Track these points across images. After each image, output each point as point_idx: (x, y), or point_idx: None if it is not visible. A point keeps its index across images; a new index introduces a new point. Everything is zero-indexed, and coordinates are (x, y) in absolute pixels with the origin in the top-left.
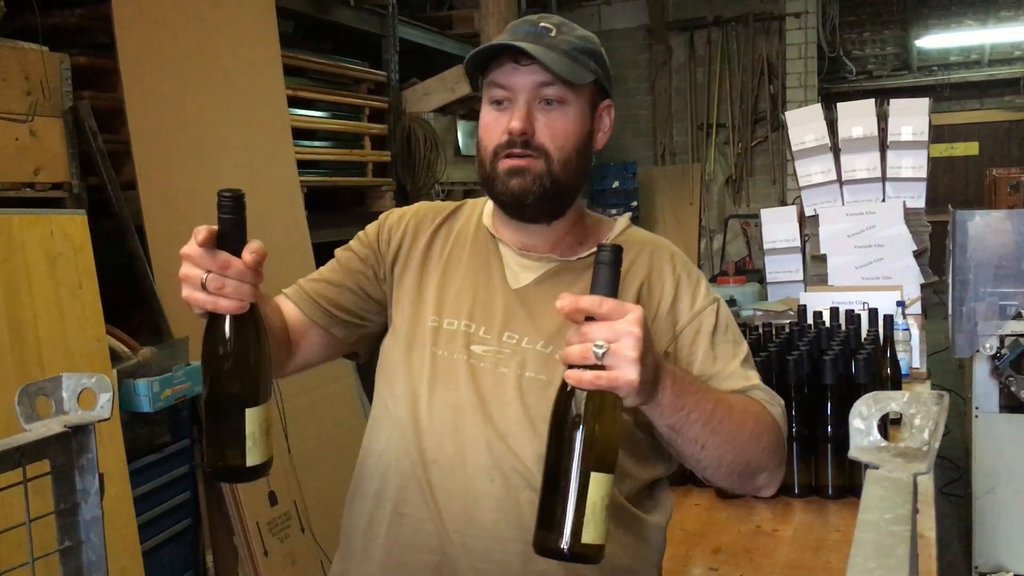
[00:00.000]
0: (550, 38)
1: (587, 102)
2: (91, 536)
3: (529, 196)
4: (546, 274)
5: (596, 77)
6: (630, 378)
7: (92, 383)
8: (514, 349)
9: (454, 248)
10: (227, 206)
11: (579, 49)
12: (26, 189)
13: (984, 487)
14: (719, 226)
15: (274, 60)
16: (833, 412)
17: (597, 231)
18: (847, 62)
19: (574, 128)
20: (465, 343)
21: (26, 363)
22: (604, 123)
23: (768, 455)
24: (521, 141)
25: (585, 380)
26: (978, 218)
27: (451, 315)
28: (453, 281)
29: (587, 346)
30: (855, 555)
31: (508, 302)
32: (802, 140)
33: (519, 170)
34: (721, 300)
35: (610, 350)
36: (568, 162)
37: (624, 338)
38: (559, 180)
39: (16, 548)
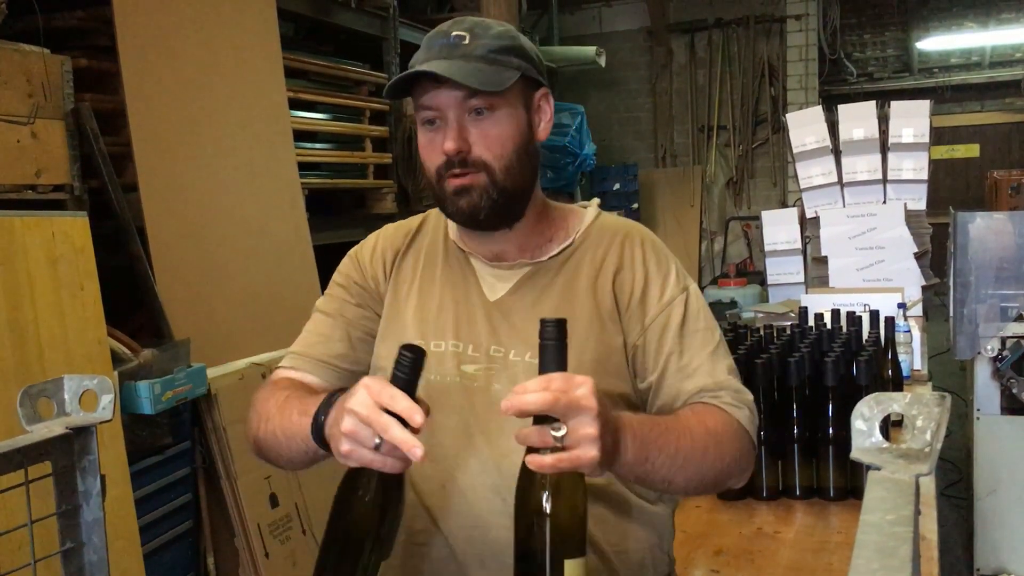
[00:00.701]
0: (464, 47)
1: (518, 100)
2: (93, 538)
3: (480, 212)
4: (521, 280)
5: (521, 72)
6: (591, 455)
7: (94, 385)
8: (503, 363)
9: (425, 268)
10: (406, 366)
11: (496, 50)
12: (27, 191)
13: (985, 489)
14: (720, 228)
15: (275, 62)
16: (834, 414)
17: (566, 223)
18: (848, 64)
19: (509, 132)
20: (456, 364)
21: (27, 365)
22: (544, 112)
23: (735, 464)
24: (459, 160)
25: (547, 464)
26: (979, 220)
27: (437, 337)
28: (431, 301)
29: (544, 430)
30: (857, 556)
31: (489, 316)
32: (803, 142)
33: (464, 189)
34: (692, 287)
35: (568, 429)
36: (511, 167)
37: (580, 415)
38: (506, 188)
39: (18, 550)
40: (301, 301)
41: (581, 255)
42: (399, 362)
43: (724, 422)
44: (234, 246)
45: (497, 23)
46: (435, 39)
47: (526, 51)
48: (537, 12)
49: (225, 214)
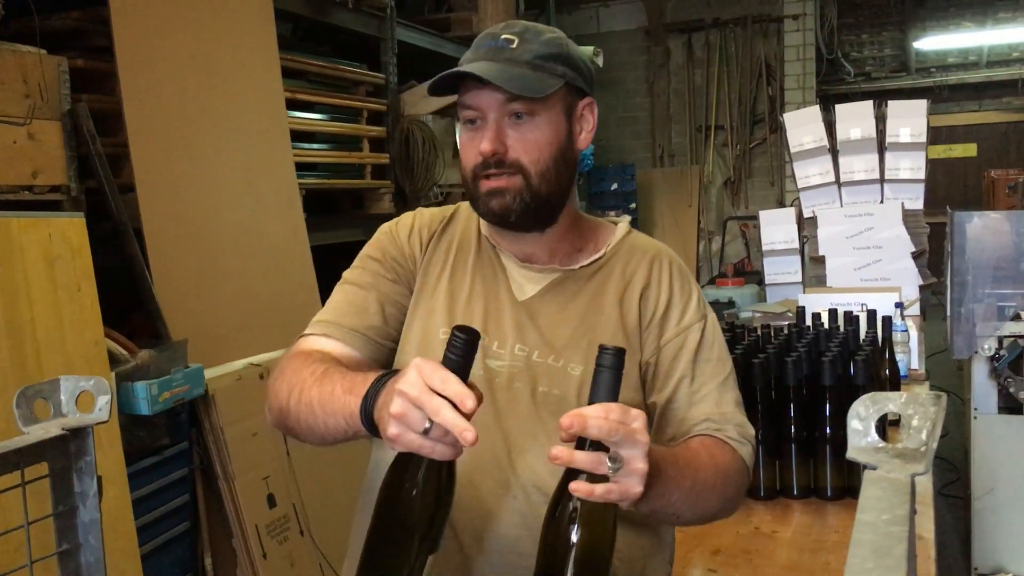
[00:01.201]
0: (511, 51)
1: (560, 107)
2: (89, 539)
3: (511, 214)
4: (550, 285)
5: (566, 80)
6: (638, 490)
7: (90, 385)
8: (526, 363)
9: (458, 256)
10: (459, 347)
11: (543, 56)
12: (24, 192)
13: (983, 488)
14: (718, 228)
15: (272, 62)
16: (831, 413)
17: (596, 236)
18: (845, 64)
19: (548, 138)
20: (481, 357)
21: (24, 366)
22: (587, 122)
23: (734, 500)
24: (495, 161)
25: (596, 494)
26: (976, 219)
27: None
28: (461, 291)
29: (600, 457)
30: (853, 555)
31: (517, 315)
32: (800, 142)
33: (497, 191)
34: (711, 316)
35: (623, 462)
36: (546, 173)
37: (635, 448)
38: (540, 193)
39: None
40: (299, 301)
41: (610, 269)
42: (452, 343)
43: (731, 460)
44: (231, 247)
45: (549, 29)
46: (484, 40)
47: (574, 60)
48: (534, 12)
49: (222, 215)
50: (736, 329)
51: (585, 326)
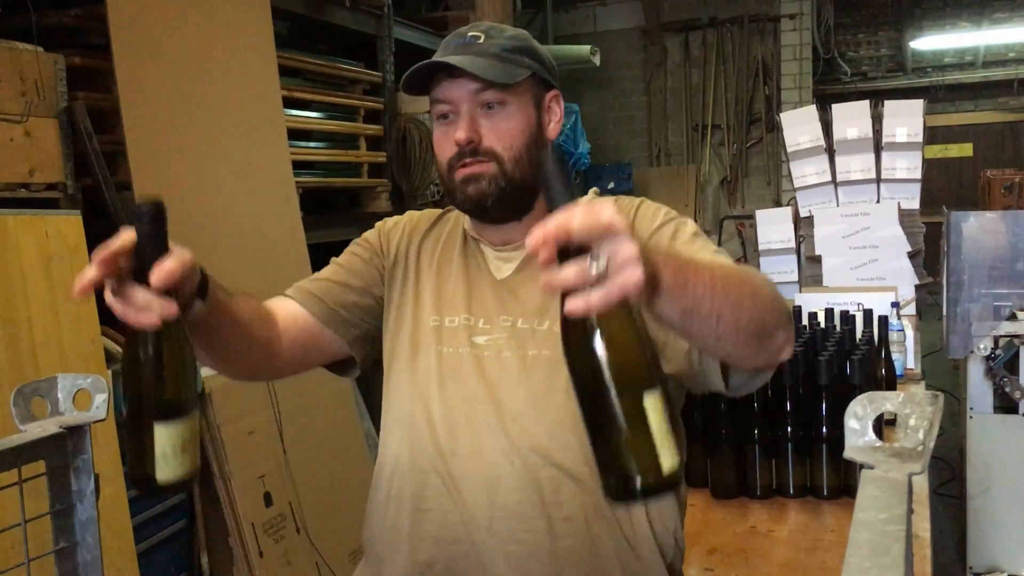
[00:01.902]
0: (479, 46)
1: (529, 98)
2: (86, 537)
3: (488, 199)
4: (524, 260)
5: (533, 71)
6: (637, 276)
7: (88, 384)
8: (511, 332)
9: (444, 252)
10: (144, 215)
11: (509, 49)
12: (21, 190)
13: (978, 487)
14: (714, 227)
15: (269, 61)
16: (828, 413)
17: None
18: (842, 64)
19: (519, 126)
20: (467, 336)
21: (21, 364)
22: (555, 113)
23: (778, 308)
24: (469, 150)
25: (595, 302)
26: (972, 219)
27: (450, 312)
28: (447, 282)
29: (583, 263)
30: (851, 555)
31: (497, 291)
32: (797, 141)
33: (473, 177)
34: (690, 220)
35: (608, 256)
36: (520, 159)
37: (615, 239)
38: (514, 178)
39: (11, 549)
40: None
41: None
42: (137, 215)
43: (749, 271)
44: (228, 245)
45: (513, 28)
46: (452, 40)
47: (538, 53)
48: (531, 11)
49: (219, 213)
50: None
51: None
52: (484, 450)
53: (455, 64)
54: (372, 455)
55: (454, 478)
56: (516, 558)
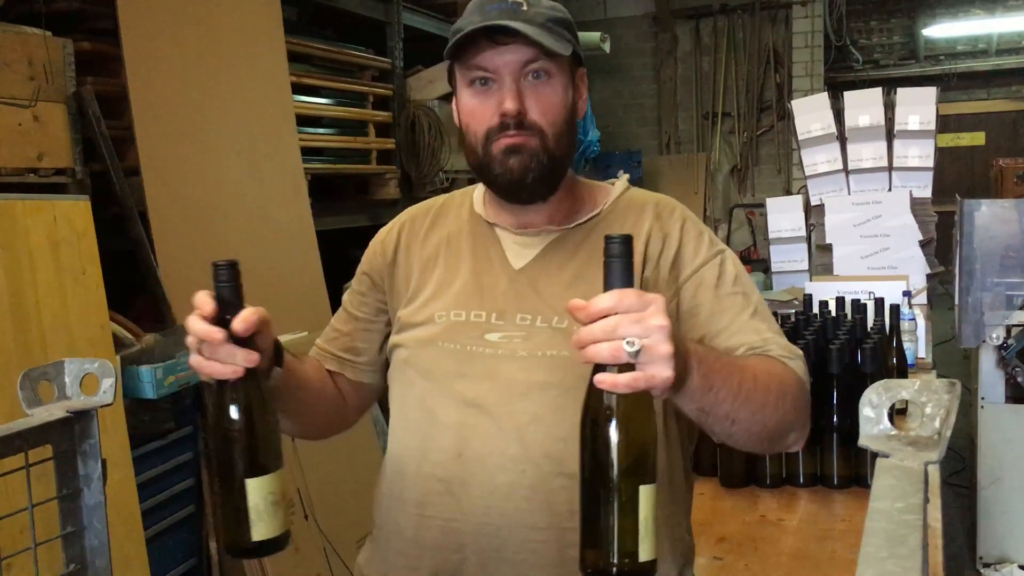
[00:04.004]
0: (524, 13)
1: (567, 72)
2: (94, 522)
3: (528, 174)
4: (546, 248)
5: (572, 48)
6: (666, 375)
7: (95, 368)
8: (529, 331)
9: (450, 245)
10: (222, 275)
11: (553, 20)
12: (29, 175)
13: (989, 478)
14: (724, 215)
15: (278, 46)
16: (839, 402)
17: (593, 197)
18: (853, 51)
19: (562, 101)
20: (479, 333)
21: (29, 349)
22: (581, 92)
23: (795, 414)
24: (515, 122)
25: (621, 383)
26: (985, 208)
27: (459, 307)
28: (456, 276)
29: (617, 344)
30: (867, 544)
31: (514, 284)
32: (808, 129)
33: (516, 148)
34: (729, 251)
35: (643, 347)
36: (560, 136)
37: (655, 333)
38: (554, 155)
39: (18, 534)
40: (304, 286)
41: (609, 223)
42: (215, 275)
43: (782, 371)
44: (237, 231)
45: None
46: (490, 4)
47: (574, 27)
48: None
49: (227, 199)
50: None
51: (585, 284)
52: (493, 455)
53: (517, 29)
54: (381, 442)
55: (460, 483)
56: (524, 567)
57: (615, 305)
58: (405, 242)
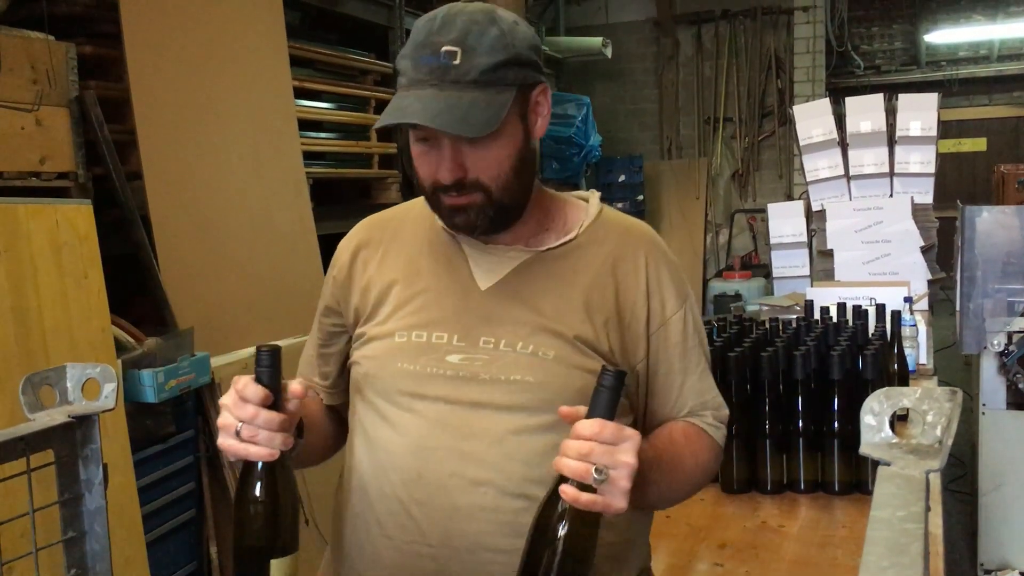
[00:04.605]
0: (455, 69)
1: (515, 112)
2: (95, 526)
3: (476, 228)
4: (515, 271)
5: (519, 85)
6: (620, 506)
7: (97, 373)
8: (492, 355)
9: (412, 258)
10: (264, 360)
11: (492, 68)
12: (32, 178)
13: (990, 484)
14: (725, 220)
15: (281, 51)
16: (840, 408)
17: (564, 214)
18: (855, 57)
19: (507, 151)
20: (441, 355)
21: (31, 353)
22: (542, 108)
23: (702, 485)
24: (456, 186)
25: (581, 500)
26: (986, 214)
27: (421, 327)
28: (417, 290)
29: (588, 469)
30: (868, 553)
31: (480, 305)
32: (810, 134)
33: (460, 208)
34: (689, 299)
35: (608, 478)
36: (508, 185)
37: (621, 468)
38: (503, 203)
39: (19, 538)
40: (305, 290)
41: (582, 253)
42: (258, 359)
43: (708, 451)
44: (238, 235)
45: (490, 20)
46: (422, 53)
47: (522, 55)
48: (544, 2)
49: (230, 203)
50: (744, 322)
51: (553, 310)
52: (454, 478)
53: (431, 126)
54: None
55: (420, 505)
56: None
57: (596, 434)
58: (363, 258)
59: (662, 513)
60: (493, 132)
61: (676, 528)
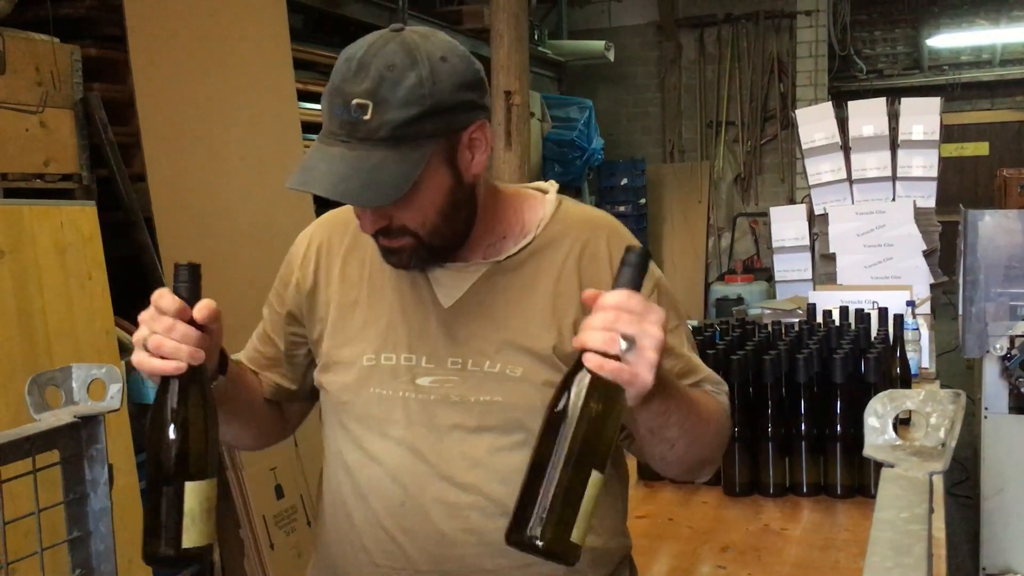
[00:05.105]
0: (365, 125)
1: (440, 158)
2: (100, 527)
3: (412, 267)
4: (476, 284)
5: (439, 133)
6: (647, 379)
7: (102, 374)
8: (462, 375)
9: (373, 271)
10: (183, 275)
11: (406, 123)
12: (36, 180)
13: (993, 488)
14: (727, 224)
15: (284, 53)
16: (842, 411)
17: (521, 214)
18: (857, 61)
19: (431, 197)
20: (410, 377)
21: (35, 354)
22: (478, 145)
23: (720, 449)
24: (381, 232)
25: (607, 367)
26: (989, 218)
27: (388, 349)
28: (381, 310)
29: (614, 336)
30: (872, 554)
31: (444, 323)
32: (812, 138)
33: (392, 251)
34: (661, 282)
35: (636, 347)
36: (438, 226)
37: (648, 337)
38: (435, 245)
39: (24, 538)
40: None
41: (543, 255)
42: (176, 275)
43: (719, 408)
44: (241, 237)
45: (410, 63)
46: (335, 102)
47: (444, 102)
48: (546, 6)
49: (233, 205)
50: (746, 326)
51: (518, 323)
52: (436, 505)
53: (330, 197)
54: None
55: (404, 532)
56: None
57: (621, 303)
58: (325, 267)
59: (664, 515)
60: (413, 185)
61: (678, 531)
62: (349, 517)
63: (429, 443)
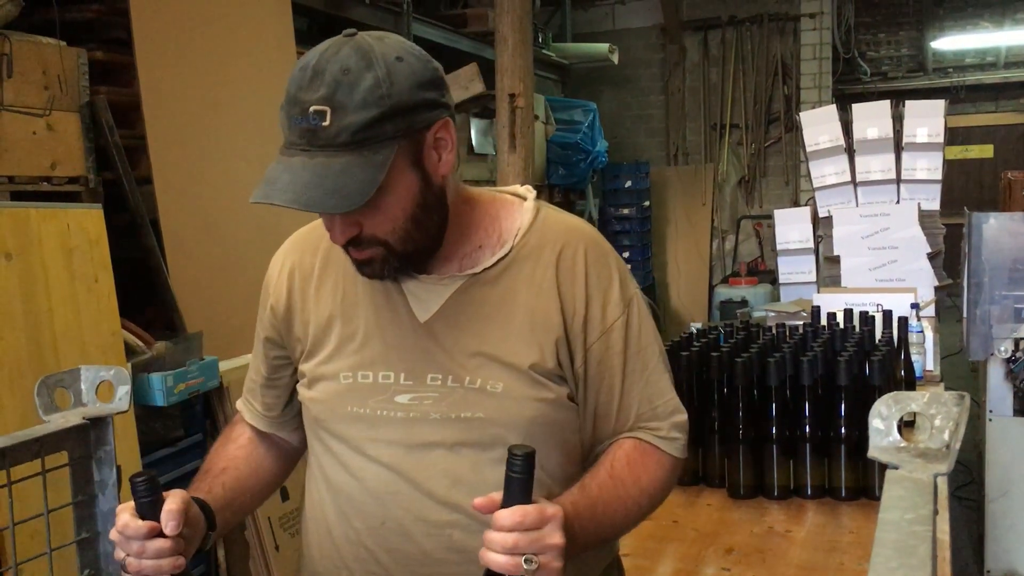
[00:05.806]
0: (324, 132)
1: (405, 161)
2: (108, 528)
3: (386, 276)
4: (453, 296)
5: (401, 137)
6: None
7: (110, 375)
8: (440, 391)
9: (347, 287)
10: (141, 491)
11: (366, 125)
12: (43, 183)
13: (997, 491)
14: (731, 227)
15: (289, 56)
16: (847, 414)
17: (498, 223)
18: (862, 63)
19: (399, 202)
20: (389, 395)
21: (42, 356)
22: (444, 145)
23: (656, 505)
24: (351, 242)
25: None
26: (993, 220)
27: (366, 367)
28: (356, 327)
29: (517, 562)
30: (876, 555)
31: (421, 340)
32: (816, 141)
33: (364, 261)
34: (635, 298)
35: (539, 564)
36: (408, 235)
37: (549, 552)
38: (407, 252)
39: (31, 539)
40: None
41: (520, 267)
42: (134, 491)
43: (657, 466)
44: (247, 240)
45: (365, 65)
46: (293, 112)
47: (403, 102)
48: (550, 8)
49: (238, 208)
50: (750, 328)
51: (497, 337)
52: (417, 523)
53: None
54: None
55: (387, 551)
56: None
57: (518, 523)
58: (299, 288)
59: (669, 518)
60: (380, 192)
61: (683, 533)
62: (331, 535)
63: (409, 461)
